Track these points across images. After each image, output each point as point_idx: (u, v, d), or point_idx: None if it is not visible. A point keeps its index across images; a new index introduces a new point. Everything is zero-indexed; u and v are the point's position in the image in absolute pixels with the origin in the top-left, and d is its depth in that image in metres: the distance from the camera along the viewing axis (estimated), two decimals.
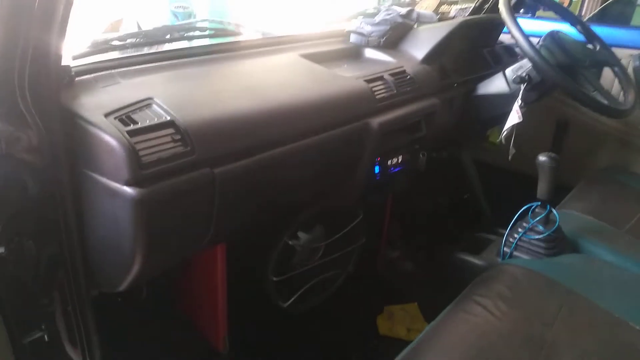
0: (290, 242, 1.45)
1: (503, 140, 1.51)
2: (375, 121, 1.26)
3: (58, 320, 1.11)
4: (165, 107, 0.92)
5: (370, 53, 1.56)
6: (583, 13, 2.79)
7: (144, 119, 0.89)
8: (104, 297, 1.13)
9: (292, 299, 1.55)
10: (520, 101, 1.44)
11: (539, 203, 1.30)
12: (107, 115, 0.87)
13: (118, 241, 0.90)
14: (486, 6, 1.92)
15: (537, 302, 1.06)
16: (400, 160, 1.45)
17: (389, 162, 1.42)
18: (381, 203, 1.79)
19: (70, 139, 0.87)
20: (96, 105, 0.90)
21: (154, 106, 0.93)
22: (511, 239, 1.32)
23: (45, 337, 1.10)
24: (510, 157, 1.53)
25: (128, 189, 0.83)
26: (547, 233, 1.26)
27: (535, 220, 1.28)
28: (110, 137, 0.83)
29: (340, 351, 1.59)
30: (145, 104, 0.93)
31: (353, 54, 1.57)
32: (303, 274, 1.57)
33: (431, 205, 2.13)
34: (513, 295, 1.07)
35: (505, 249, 1.32)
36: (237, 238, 1.32)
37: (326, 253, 1.64)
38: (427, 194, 2.12)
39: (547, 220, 1.29)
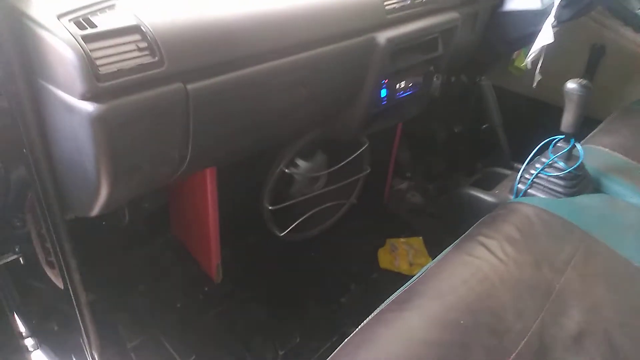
0: (287, 170, 1.36)
1: (529, 65, 1.34)
2: (383, 36, 1.11)
3: (35, 243, 1.05)
4: (130, 8, 0.79)
5: None
6: None
7: (105, 23, 0.76)
8: (85, 221, 1.06)
9: (289, 228, 1.48)
10: (553, 19, 1.26)
11: (562, 137, 1.16)
12: (60, 16, 0.74)
13: (82, 162, 0.81)
14: None
15: (549, 246, 0.96)
16: (411, 84, 1.30)
17: (398, 86, 1.27)
18: (389, 131, 1.66)
19: (21, 45, 0.75)
20: (49, 3, 0.77)
21: (118, 8, 0.80)
22: (527, 176, 1.19)
23: (21, 260, 1.05)
24: (535, 84, 1.37)
25: (84, 104, 0.72)
26: (568, 170, 1.13)
27: (556, 155, 1.15)
28: (61, 43, 0.71)
29: (338, 282, 1.54)
30: (107, 4, 0.80)
31: None
32: (302, 203, 1.48)
33: (444, 135, 2.00)
34: (522, 238, 0.97)
35: (519, 185, 1.20)
36: (227, 163, 1.23)
37: (328, 182, 1.55)
38: (440, 123, 1.97)
39: (569, 156, 1.15)
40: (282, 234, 1.48)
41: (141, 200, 1.47)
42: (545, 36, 1.26)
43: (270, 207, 1.39)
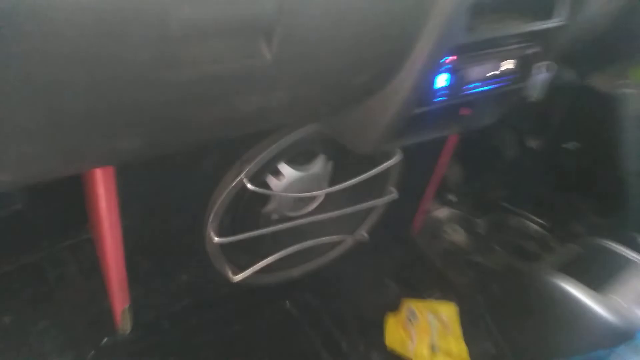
0: (250, 186, 0.79)
1: None
2: None
3: None
4: None
5: None
6: None
7: None
8: None
9: (249, 271, 0.93)
10: None
11: None
12: None
13: None
14: None
15: None
16: (495, 71, 0.70)
17: (471, 72, 0.68)
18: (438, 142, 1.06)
19: None
20: None
21: None
22: None
23: None
24: None
25: None
26: None
27: None
28: None
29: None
30: None
31: None
32: (278, 235, 0.93)
33: (514, 150, 1.37)
34: None
35: None
36: (133, 162, 0.67)
37: (327, 206, 0.98)
38: (510, 132, 1.35)
39: None
40: (236, 278, 0.92)
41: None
42: None
43: (217, 240, 0.83)
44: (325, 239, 1.00)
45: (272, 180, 0.88)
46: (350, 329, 1.05)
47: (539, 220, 1.31)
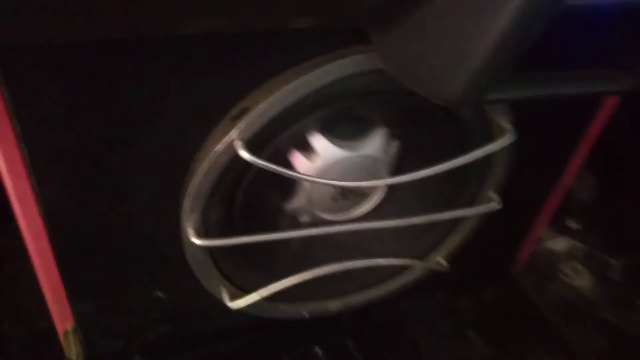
0: (242, 152, 0.47)
1: None
2: None
3: None
4: None
5: None
6: None
7: None
8: None
9: (258, 295, 0.61)
10: None
11: None
12: None
13: None
14: None
15: None
16: None
17: None
18: (570, 122, 0.68)
19: None
20: None
21: None
22: None
23: None
24: None
25: None
26: None
27: None
28: None
29: None
30: None
31: None
32: (302, 243, 0.61)
33: None
34: None
35: None
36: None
37: (386, 210, 0.66)
38: None
39: None
40: (234, 305, 0.60)
41: None
42: None
43: (198, 242, 0.52)
44: (380, 262, 0.66)
45: (298, 160, 0.56)
46: None
47: None
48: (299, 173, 0.53)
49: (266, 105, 0.45)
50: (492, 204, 0.64)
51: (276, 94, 0.45)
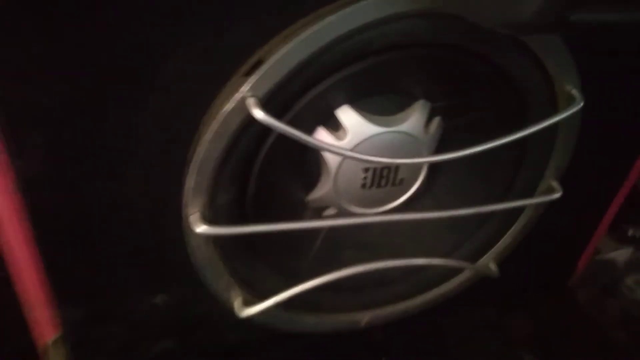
0: (255, 112, 0.38)
1: None
2: None
3: None
4: None
5: None
6: None
7: None
8: None
9: (275, 300, 0.51)
10: None
11: None
12: None
13: None
14: None
15: None
16: None
17: None
18: None
19: None
20: None
21: None
22: None
23: None
24: None
25: None
26: None
27: None
28: None
29: None
30: None
31: None
32: (332, 245, 0.51)
33: None
34: None
35: None
36: None
37: (425, 201, 0.55)
38: None
39: None
40: (246, 313, 0.50)
41: None
42: None
43: (201, 229, 0.43)
44: (419, 262, 0.55)
45: (322, 137, 0.47)
46: None
47: None
48: (324, 143, 0.44)
49: (283, 54, 0.37)
50: (554, 193, 0.54)
51: (295, 39, 0.37)
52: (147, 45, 0.35)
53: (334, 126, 0.47)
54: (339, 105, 0.46)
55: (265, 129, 0.40)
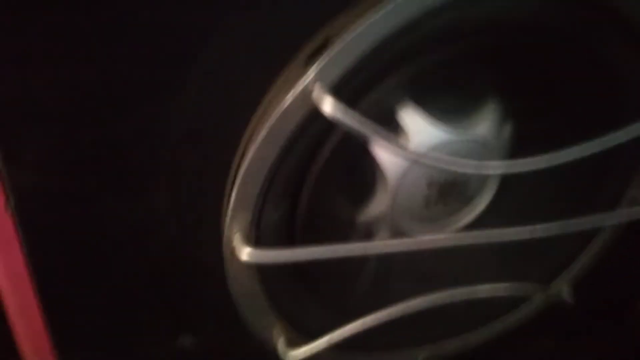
0: (326, 106, 0.30)
1: None
2: None
3: None
4: None
5: None
6: None
7: None
8: None
9: (326, 341, 0.42)
10: None
11: None
12: None
13: None
14: None
15: None
16: None
17: None
18: None
19: None
20: None
21: None
22: None
23: None
24: None
25: None
26: None
27: None
28: None
29: None
30: None
31: None
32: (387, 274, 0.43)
33: None
34: None
35: None
36: None
37: (493, 219, 0.47)
38: None
39: None
40: (291, 355, 0.42)
41: None
42: None
43: (247, 255, 0.34)
44: (485, 289, 0.47)
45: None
46: None
47: None
48: (414, 152, 0.36)
49: (359, 33, 0.29)
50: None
51: (375, 14, 0.29)
52: (191, 27, 0.27)
53: (394, 128, 0.40)
54: (400, 106, 0.39)
55: (327, 129, 0.32)
